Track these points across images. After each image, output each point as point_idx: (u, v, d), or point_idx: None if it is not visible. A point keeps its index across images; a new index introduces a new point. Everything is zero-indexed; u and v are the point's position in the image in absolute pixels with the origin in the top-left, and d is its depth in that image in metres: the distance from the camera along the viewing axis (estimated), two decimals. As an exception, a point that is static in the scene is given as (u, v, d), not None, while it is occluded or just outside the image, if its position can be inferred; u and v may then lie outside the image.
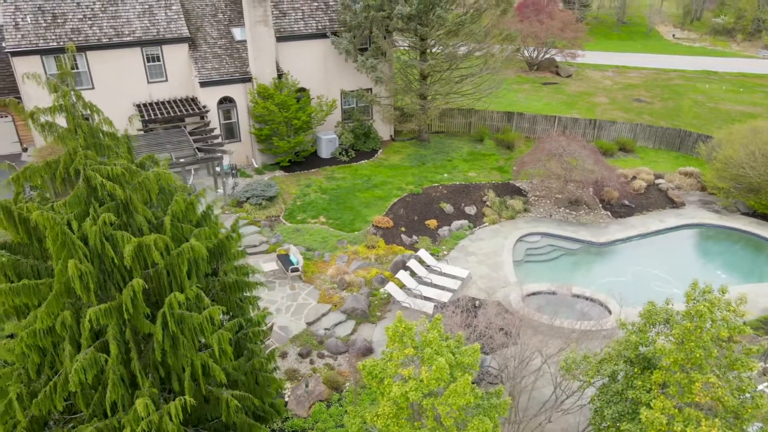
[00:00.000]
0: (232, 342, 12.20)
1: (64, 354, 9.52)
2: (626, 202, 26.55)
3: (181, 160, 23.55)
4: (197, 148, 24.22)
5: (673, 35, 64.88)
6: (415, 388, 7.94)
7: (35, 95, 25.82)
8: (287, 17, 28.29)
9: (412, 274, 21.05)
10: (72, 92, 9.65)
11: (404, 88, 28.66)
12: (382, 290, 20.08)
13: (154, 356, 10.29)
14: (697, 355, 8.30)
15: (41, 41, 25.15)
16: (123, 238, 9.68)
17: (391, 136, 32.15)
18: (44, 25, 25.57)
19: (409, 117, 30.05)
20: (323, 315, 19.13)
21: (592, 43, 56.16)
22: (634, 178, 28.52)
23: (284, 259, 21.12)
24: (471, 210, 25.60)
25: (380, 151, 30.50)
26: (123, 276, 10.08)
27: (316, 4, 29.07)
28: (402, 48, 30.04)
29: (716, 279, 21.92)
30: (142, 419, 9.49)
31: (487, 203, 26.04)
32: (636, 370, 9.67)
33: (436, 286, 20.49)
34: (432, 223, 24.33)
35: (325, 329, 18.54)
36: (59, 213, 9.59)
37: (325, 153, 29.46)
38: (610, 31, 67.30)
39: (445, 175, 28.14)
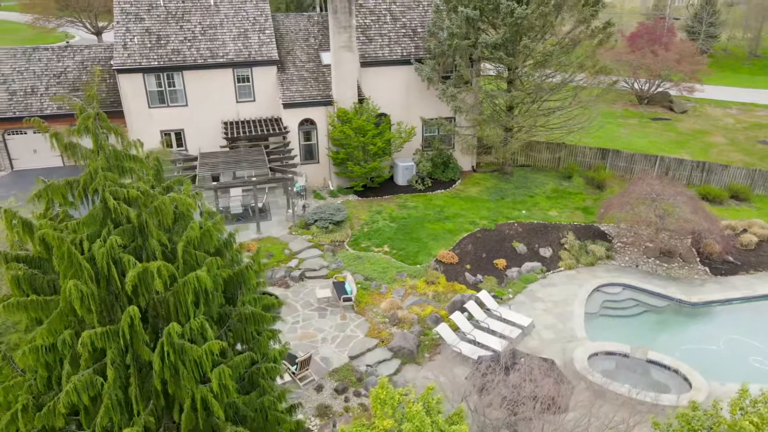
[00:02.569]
0: (245, 376, 11.86)
1: (63, 373, 9.55)
2: (730, 259, 23.38)
3: (253, 178, 24.05)
4: (270, 167, 24.64)
5: (817, 71, 57.76)
6: (389, 467, 6.98)
7: (135, 109, 27.77)
8: (373, 43, 28.30)
9: (470, 316, 19.75)
10: (97, 114, 9.79)
11: (486, 119, 27.48)
12: (434, 330, 18.97)
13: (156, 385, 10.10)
14: (740, 482, 6.57)
15: (144, 60, 27.01)
16: (129, 263, 9.62)
17: (472, 167, 30.98)
18: (149, 45, 27.47)
19: (489, 149, 28.74)
20: (368, 350, 18.37)
21: (715, 77, 51.33)
22: (744, 231, 25.15)
23: (339, 287, 20.68)
24: (546, 252, 23.78)
25: (459, 181, 29.43)
26: (130, 300, 10.02)
27: (404, 30, 28.87)
28: (489, 75, 28.92)
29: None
30: (128, 450, 9.27)
31: (565, 246, 24.06)
32: (676, 479, 7.96)
33: (492, 332, 19.04)
34: (501, 262, 22.84)
35: (368, 366, 17.75)
36: (73, 232, 9.72)
37: (401, 180, 28.93)
38: (740, 64, 61.35)
39: (524, 212, 26.48)
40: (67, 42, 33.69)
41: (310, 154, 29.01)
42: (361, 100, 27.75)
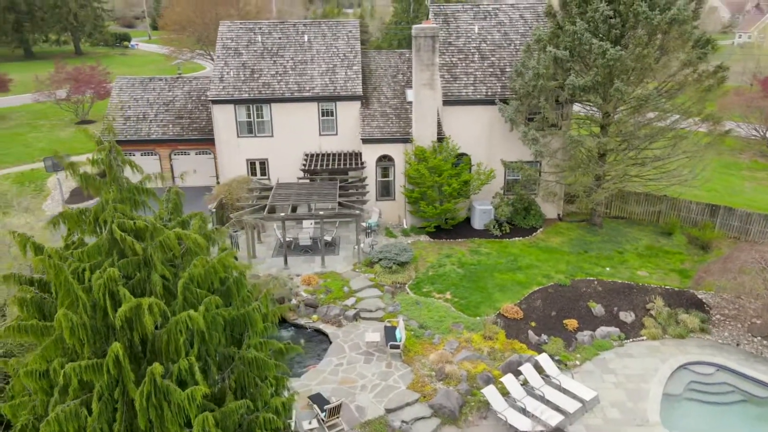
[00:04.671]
0: (243, 423, 11.36)
1: (51, 401, 9.62)
2: None
3: (320, 212, 24.06)
4: (339, 202, 24.53)
5: None
6: None
7: (225, 138, 29.19)
8: (458, 81, 27.60)
9: (524, 381, 17.94)
10: (113, 147, 9.98)
11: (573, 165, 25.49)
12: (483, 391, 17.42)
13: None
14: None
15: (236, 92, 28.38)
16: (124, 296, 9.56)
17: (558, 215, 28.88)
18: (242, 78, 28.88)
19: (573, 198, 26.62)
20: (407, 404, 17.20)
21: None
22: None
23: (390, 333, 19.79)
24: (627, 317, 21.25)
25: (540, 229, 27.49)
26: (125, 333, 9.96)
27: (491, 70, 27.89)
28: (580, 117, 26.96)
29: None
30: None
31: (651, 312, 21.38)
32: None
33: (547, 402, 17.09)
34: (571, 323, 20.73)
35: (403, 422, 16.58)
36: (78, 261, 9.88)
37: (477, 224, 27.62)
38: None
39: (607, 269, 24.03)
40: (179, 74, 36.45)
41: (386, 191, 28.66)
42: (440, 138, 27.04)
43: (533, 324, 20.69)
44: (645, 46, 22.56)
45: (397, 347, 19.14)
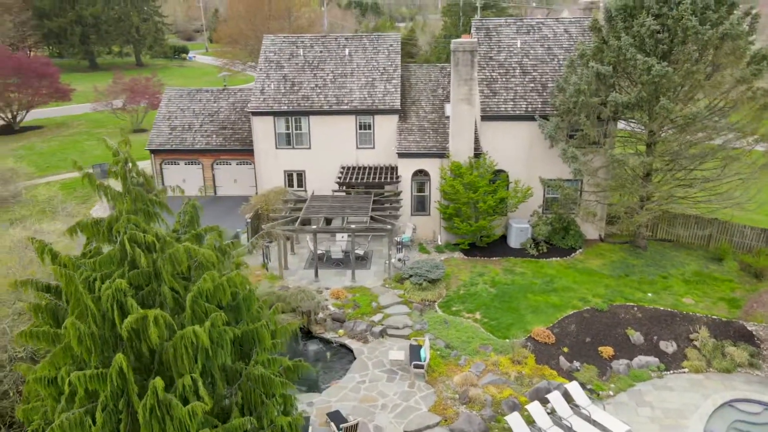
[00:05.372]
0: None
1: (57, 408, 9.76)
2: None
3: (352, 226, 23.95)
4: (371, 216, 24.37)
5: None
6: None
7: (264, 149, 29.63)
8: (497, 96, 27.07)
9: (552, 410, 17.16)
10: (128, 160, 10.12)
11: (615, 185, 24.46)
12: (507, 418, 16.76)
13: (146, 434, 9.90)
14: None
15: (276, 104, 28.78)
16: (132, 307, 9.64)
17: (600, 236, 27.75)
18: (283, 91, 29.27)
19: (613, 219, 25.49)
20: (427, 427, 16.75)
21: None
22: None
23: (414, 351, 19.38)
24: (668, 347, 20.10)
25: (580, 250, 26.46)
26: (133, 343, 10.02)
27: (532, 85, 27.23)
28: (623, 135, 25.92)
29: None
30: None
31: (695, 343, 20.15)
32: None
33: (574, 434, 16.27)
34: (607, 350, 19.76)
35: (422, 446, 16.15)
36: (91, 270, 10.04)
37: (513, 242, 26.88)
38: None
39: (650, 294, 22.85)
40: (225, 86, 37.34)
41: (421, 206, 28.32)
42: (477, 154, 26.54)
43: (565, 349, 19.84)
44: (695, 62, 21.52)
45: (421, 367, 18.71)
